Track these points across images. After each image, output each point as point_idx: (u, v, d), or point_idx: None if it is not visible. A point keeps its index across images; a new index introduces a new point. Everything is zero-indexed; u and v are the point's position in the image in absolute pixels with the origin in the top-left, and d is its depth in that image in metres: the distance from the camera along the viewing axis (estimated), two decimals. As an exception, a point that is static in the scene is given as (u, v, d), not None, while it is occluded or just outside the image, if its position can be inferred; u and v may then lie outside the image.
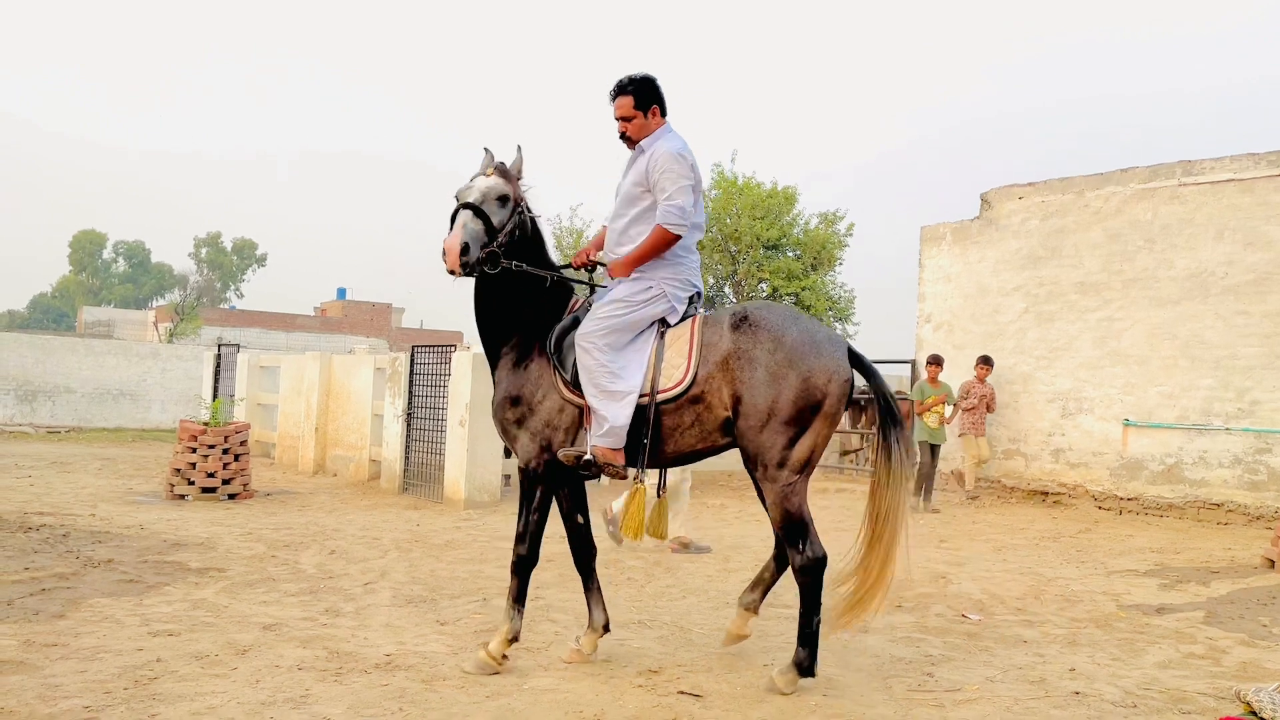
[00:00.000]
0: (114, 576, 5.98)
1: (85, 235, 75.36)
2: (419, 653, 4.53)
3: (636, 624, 5.29)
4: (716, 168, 26.94)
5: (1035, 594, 6.48)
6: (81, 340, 26.12)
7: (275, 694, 3.88)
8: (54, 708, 3.64)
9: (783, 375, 4.10)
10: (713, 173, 26.98)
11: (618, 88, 4.51)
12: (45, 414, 22.18)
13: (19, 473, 11.57)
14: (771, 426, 4.13)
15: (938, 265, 13.08)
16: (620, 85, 4.50)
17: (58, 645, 4.45)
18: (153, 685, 3.94)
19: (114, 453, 15.38)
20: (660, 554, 7.48)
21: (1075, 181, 11.76)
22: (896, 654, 4.89)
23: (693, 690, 4.13)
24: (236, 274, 73.83)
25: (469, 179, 4.40)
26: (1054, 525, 9.86)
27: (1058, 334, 11.72)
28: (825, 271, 26.65)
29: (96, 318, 55.16)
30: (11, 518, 7.99)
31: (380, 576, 6.32)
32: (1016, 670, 4.67)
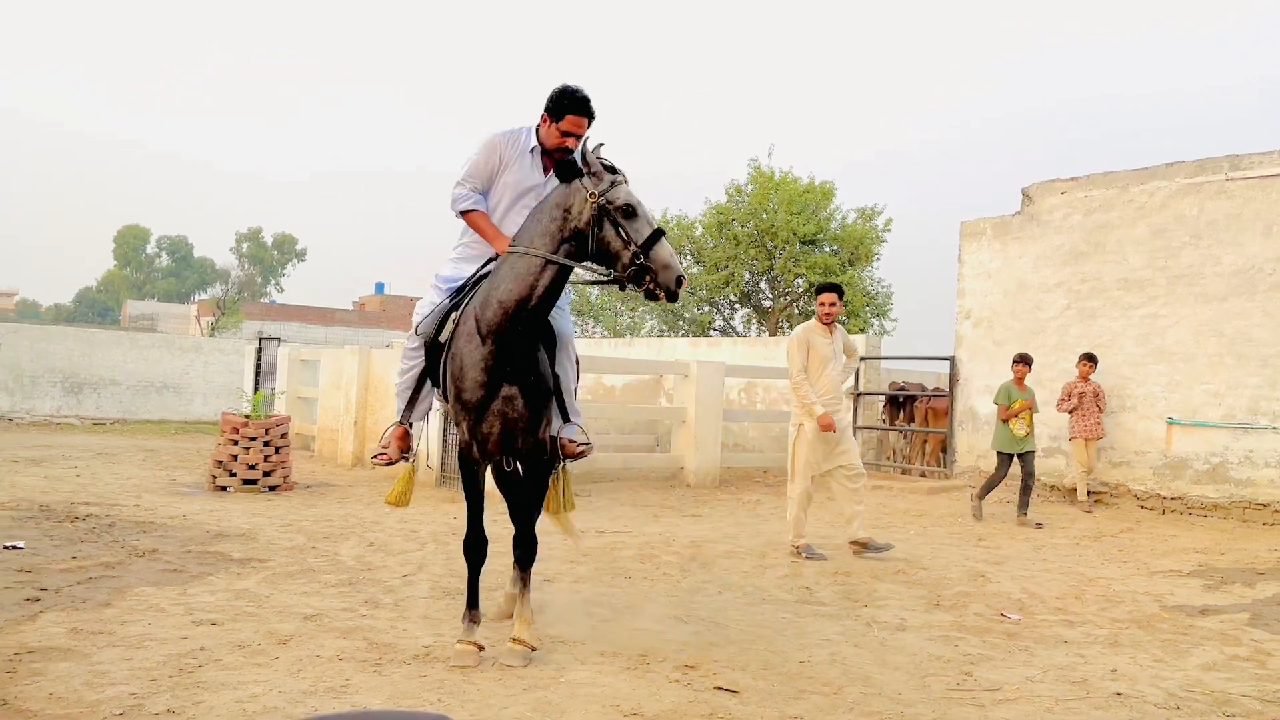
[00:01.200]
0: (158, 566, 6.08)
1: (129, 230, 76.51)
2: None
3: (672, 619, 5.29)
4: (753, 163, 26.86)
5: (1076, 594, 6.40)
6: (126, 334, 26.55)
7: (316, 683, 3.93)
8: (101, 694, 3.71)
9: None
10: (749, 168, 26.91)
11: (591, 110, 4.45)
12: (91, 406, 22.59)
13: (66, 463, 11.80)
14: None
15: (978, 261, 12.94)
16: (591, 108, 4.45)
17: (104, 633, 4.53)
18: (197, 673, 4.00)
19: (157, 444, 15.63)
20: (696, 549, 7.47)
21: (1119, 176, 11.58)
22: (935, 652, 4.85)
23: (729, 686, 4.13)
24: (277, 269, 74.64)
25: (627, 183, 4.23)
26: (1095, 524, 9.73)
27: (1100, 331, 11.55)
28: (863, 267, 26.48)
29: (140, 311, 56.05)
30: (59, 507, 8.15)
31: (418, 569, 6.37)
32: (1057, 670, 4.62)
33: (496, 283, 4.28)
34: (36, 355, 22.31)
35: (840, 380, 7.68)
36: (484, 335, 4.25)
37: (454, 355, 4.36)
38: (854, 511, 7.51)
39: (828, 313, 7.62)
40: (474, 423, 4.35)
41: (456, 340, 4.36)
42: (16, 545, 6.41)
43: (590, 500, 10.39)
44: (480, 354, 4.26)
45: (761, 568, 6.91)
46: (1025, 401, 9.89)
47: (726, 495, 11.33)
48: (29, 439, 15.43)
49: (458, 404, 4.35)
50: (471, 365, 4.27)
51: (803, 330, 7.71)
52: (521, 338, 4.26)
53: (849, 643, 4.96)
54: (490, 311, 4.22)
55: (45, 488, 9.44)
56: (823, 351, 7.59)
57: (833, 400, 7.55)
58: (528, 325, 4.25)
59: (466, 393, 4.30)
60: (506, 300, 4.19)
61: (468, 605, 4.49)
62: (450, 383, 4.37)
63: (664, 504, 10.39)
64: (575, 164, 4.26)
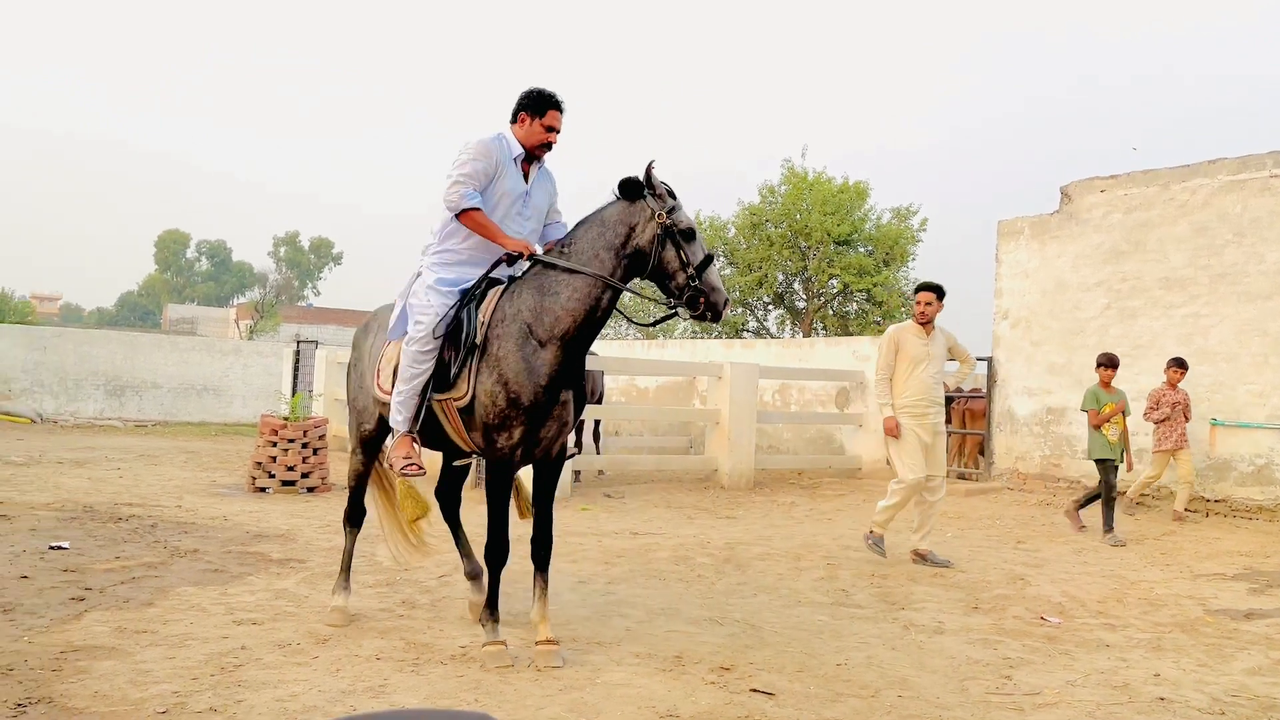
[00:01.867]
0: (199, 566, 6.16)
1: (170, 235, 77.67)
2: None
3: (708, 621, 5.28)
4: (786, 163, 26.77)
5: (1117, 597, 6.31)
6: (167, 337, 26.97)
7: (355, 682, 3.97)
8: (145, 692, 3.77)
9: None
10: (783, 168, 26.82)
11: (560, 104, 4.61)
12: (133, 408, 22.94)
13: (109, 465, 11.99)
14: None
15: (1015, 260, 12.80)
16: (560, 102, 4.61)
17: (147, 632, 4.60)
18: (238, 672, 4.06)
19: (198, 446, 15.85)
20: (730, 551, 7.46)
21: (1160, 174, 11.41)
22: (973, 656, 4.81)
23: (765, 688, 4.12)
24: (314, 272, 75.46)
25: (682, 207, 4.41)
26: (1137, 527, 9.59)
27: (1141, 331, 11.39)
28: (898, 267, 26.29)
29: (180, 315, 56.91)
30: (103, 508, 8.29)
31: (454, 570, 6.40)
32: (1098, 675, 4.56)
33: (555, 289, 4.35)
34: (80, 359, 22.70)
35: (933, 384, 7.31)
36: (544, 340, 4.31)
37: (499, 359, 4.31)
38: (922, 520, 7.32)
39: (922, 312, 7.37)
40: (530, 427, 4.34)
41: (498, 344, 4.33)
42: (62, 545, 6.52)
43: (624, 502, 10.40)
44: (543, 359, 4.31)
45: (797, 570, 6.88)
46: (1116, 405, 9.07)
47: (761, 497, 11.29)
48: (73, 441, 15.70)
49: (510, 409, 4.28)
50: (532, 370, 4.29)
51: (896, 329, 7.53)
52: (583, 345, 4.42)
53: (886, 645, 4.93)
54: (552, 318, 4.31)
55: (89, 489, 9.60)
56: (914, 352, 7.31)
57: (918, 403, 7.22)
58: (592, 333, 4.41)
59: (525, 397, 4.28)
60: (577, 310, 4.32)
61: (491, 607, 4.48)
62: (493, 387, 4.30)
63: (698, 506, 10.38)
64: (640, 182, 4.39)
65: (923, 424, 7.24)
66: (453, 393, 4.42)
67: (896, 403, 7.28)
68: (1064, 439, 11.98)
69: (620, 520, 9.07)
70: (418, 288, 4.61)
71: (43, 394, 22.09)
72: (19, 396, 21.64)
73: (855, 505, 10.75)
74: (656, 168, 4.41)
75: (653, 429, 16.19)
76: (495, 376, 4.31)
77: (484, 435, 4.39)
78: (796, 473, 13.29)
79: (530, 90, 4.60)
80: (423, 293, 4.54)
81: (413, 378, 4.45)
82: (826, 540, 8.20)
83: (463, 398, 4.38)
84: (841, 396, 14.37)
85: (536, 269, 4.47)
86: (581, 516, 9.13)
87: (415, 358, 4.43)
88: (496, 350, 4.33)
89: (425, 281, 4.58)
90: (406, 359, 4.45)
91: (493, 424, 4.33)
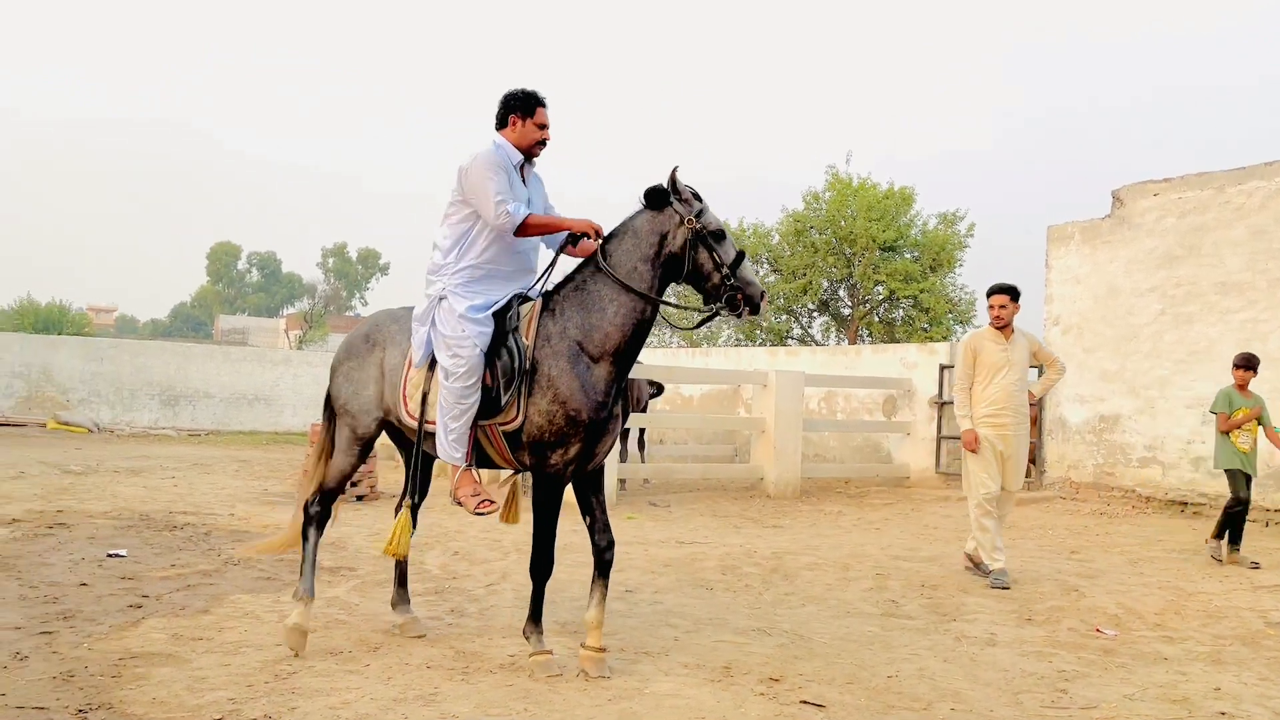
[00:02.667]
0: (253, 574, 6.25)
1: (221, 247, 79.14)
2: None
3: (756, 631, 5.25)
4: (831, 169, 26.64)
5: (1175, 609, 6.18)
6: (219, 348, 27.46)
7: (406, 691, 4.00)
8: (201, 699, 3.83)
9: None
10: (827, 174, 26.70)
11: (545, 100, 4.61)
12: (186, 418, 23.39)
13: (164, 474, 12.22)
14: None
15: (1065, 266, 12.62)
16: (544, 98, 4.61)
17: (203, 639, 4.68)
18: (291, 680, 4.11)
19: (249, 455, 16.10)
20: (778, 561, 7.41)
21: (1215, 177, 11.20)
22: (1027, 669, 4.73)
23: (815, 700, 4.08)
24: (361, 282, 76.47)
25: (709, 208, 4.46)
26: (1194, 537, 9.38)
27: (1197, 336, 11.17)
28: (945, 273, 26.03)
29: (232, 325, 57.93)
30: (159, 516, 8.45)
31: (502, 578, 6.44)
32: (1157, 689, 4.46)
33: (601, 305, 4.37)
34: (135, 369, 23.20)
35: (1014, 391, 6.97)
36: (596, 357, 4.33)
37: (552, 380, 4.28)
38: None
39: (998, 316, 7.03)
40: (589, 442, 4.34)
41: (550, 365, 4.30)
42: (119, 553, 6.66)
43: (669, 510, 10.39)
44: (598, 375, 4.33)
45: (845, 580, 6.82)
46: (1251, 410, 8.17)
47: (807, 506, 11.22)
48: (129, 450, 16.03)
49: (569, 427, 4.27)
50: (590, 386, 4.29)
51: (973, 335, 7.26)
52: (632, 358, 4.45)
53: (938, 657, 4.87)
54: (602, 335, 4.34)
55: (145, 497, 9.79)
56: (991, 359, 7.01)
57: (998, 413, 6.95)
58: (639, 345, 4.45)
59: (585, 413, 4.28)
60: (626, 325, 4.35)
61: (535, 619, 4.45)
62: (549, 407, 4.27)
63: (744, 515, 10.34)
64: (665, 190, 4.41)
65: (1002, 435, 6.95)
66: (500, 418, 4.35)
67: (975, 413, 7.03)
68: (1118, 447, 11.77)
69: (666, 529, 9.06)
70: (445, 317, 4.41)
71: (99, 404, 22.60)
72: (77, 407, 22.16)
73: (903, 515, 10.65)
74: (680, 173, 4.44)
75: (697, 437, 16.17)
76: (551, 397, 4.27)
77: (537, 453, 4.34)
78: (843, 481, 13.20)
79: (514, 92, 4.57)
80: (455, 322, 4.37)
81: (463, 413, 4.33)
82: (875, 550, 8.12)
83: (511, 421, 4.33)
84: (889, 404, 14.25)
85: (571, 285, 4.48)
86: (627, 525, 9.14)
87: (462, 393, 4.30)
88: (549, 370, 4.30)
89: (455, 310, 4.39)
90: (452, 395, 4.31)
91: (550, 442, 4.30)
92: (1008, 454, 6.97)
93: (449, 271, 4.52)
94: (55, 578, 5.86)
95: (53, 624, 4.81)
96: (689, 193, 4.43)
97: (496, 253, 4.53)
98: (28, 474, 11.43)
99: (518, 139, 4.56)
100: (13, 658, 4.24)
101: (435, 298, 4.49)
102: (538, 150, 4.62)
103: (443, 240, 4.58)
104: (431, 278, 4.59)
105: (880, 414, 14.38)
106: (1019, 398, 6.99)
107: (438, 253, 4.60)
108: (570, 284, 4.51)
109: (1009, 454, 6.98)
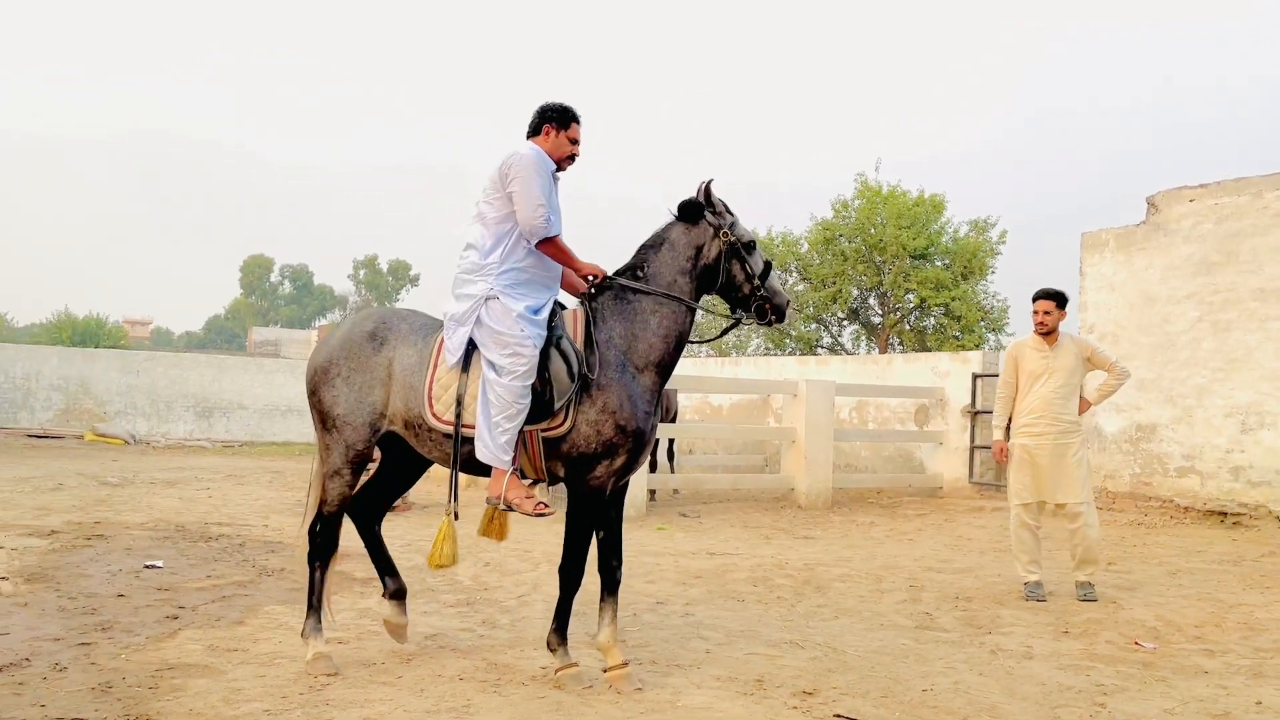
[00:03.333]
0: (287, 585, 6.30)
1: (254, 260, 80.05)
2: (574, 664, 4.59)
3: (788, 644, 5.22)
4: (860, 177, 26.54)
5: (1215, 621, 6.07)
6: (253, 359, 27.75)
7: (439, 703, 4.01)
8: (237, 710, 3.86)
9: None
10: (856, 182, 26.59)
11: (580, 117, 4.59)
12: (221, 429, 23.64)
13: (199, 485, 12.36)
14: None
15: (1100, 274, 12.48)
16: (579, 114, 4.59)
17: (238, 650, 4.72)
18: (326, 691, 4.13)
19: (283, 466, 16.24)
20: (810, 572, 7.37)
21: (1252, 182, 11.03)
22: (1065, 682, 4.66)
23: (849, 714, 4.05)
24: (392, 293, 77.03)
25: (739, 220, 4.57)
26: (1234, 548, 9.23)
27: (1236, 344, 10.99)
28: (976, 280, 25.84)
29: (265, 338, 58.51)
30: (194, 528, 8.54)
31: (532, 589, 6.45)
32: (1197, 703, 4.39)
33: (644, 317, 4.41)
34: (171, 382, 23.50)
35: (1054, 399, 6.76)
36: (641, 368, 4.37)
37: (602, 388, 4.25)
38: (1071, 552, 6.87)
39: (1041, 322, 6.82)
40: (634, 452, 4.34)
41: (600, 372, 4.27)
42: (156, 564, 6.74)
43: (700, 521, 10.36)
44: (643, 386, 4.38)
45: (878, 592, 6.77)
46: None
47: (839, 517, 11.15)
48: (164, 461, 16.22)
49: (618, 437, 4.25)
50: (638, 396, 4.33)
51: (1015, 344, 7.12)
52: (671, 368, 4.50)
53: (973, 671, 4.81)
54: (646, 346, 4.39)
55: (180, 508, 9.90)
56: (1032, 367, 6.84)
57: (1035, 422, 6.78)
58: (679, 356, 4.54)
59: (636, 423, 4.28)
60: (669, 336, 4.42)
61: (561, 632, 4.42)
62: (598, 416, 4.23)
63: (775, 525, 10.28)
64: (700, 204, 4.50)
65: (1039, 445, 6.78)
66: (547, 423, 4.26)
67: (1015, 422, 6.92)
68: (1155, 457, 11.61)
69: (697, 540, 9.03)
70: (498, 315, 4.27)
71: (136, 416, 22.90)
72: (114, 419, 22.47)
73: (936, 525, 10.55)
74: (715, 185, 4.51)
75: (727, 447, 16.12)
76: (600, 406, 4.24)
77: (580, 465, 4.29)
78: (875, 492, 13.10)
79: (552, 104, 4.56)
80: (512, 322, 4.24)
81: (518, 413, 4.19)
82: (908, 561, 8.05)
83: (559, 427, 4.25)
84: (921, 414, 14.14)
85: (612, 294, 4.49)
86: (657, 536, 9.12)
87: (521, 393, 4.17)
88: (599, 379, 4.27)
89: (511, 310, 4.26)
90: (508, 394, 4.15)
91: (596, 453, 4.26)
92: (1044, 465, 6.78)
93: (493, 272, 4.38)
94: (93, 589, 5.93)
95: (91, 635, 4.87)
96: (721, 205, 4.53)
97: (539, 258, 4.45)
98: (66, 485, 11.60)
99: (550, 149, 4.51)
100: (52, 669, 4.29)
101: (480, 297, 4.33)
102: (567, 164, 4.60)
103: (481, 240, 4.45)
104: (471, 277, 4.43)
105: (912, 423, 14.28)
106: (1058, 406, 6.80)
107: (474, 253, 4.46)
108: (608, 293, 4.50)
109: (1045, 465, 6.78)
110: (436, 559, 4.51)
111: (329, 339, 4.77)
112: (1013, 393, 6.99)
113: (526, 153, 4.40)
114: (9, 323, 64.23)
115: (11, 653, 4.49)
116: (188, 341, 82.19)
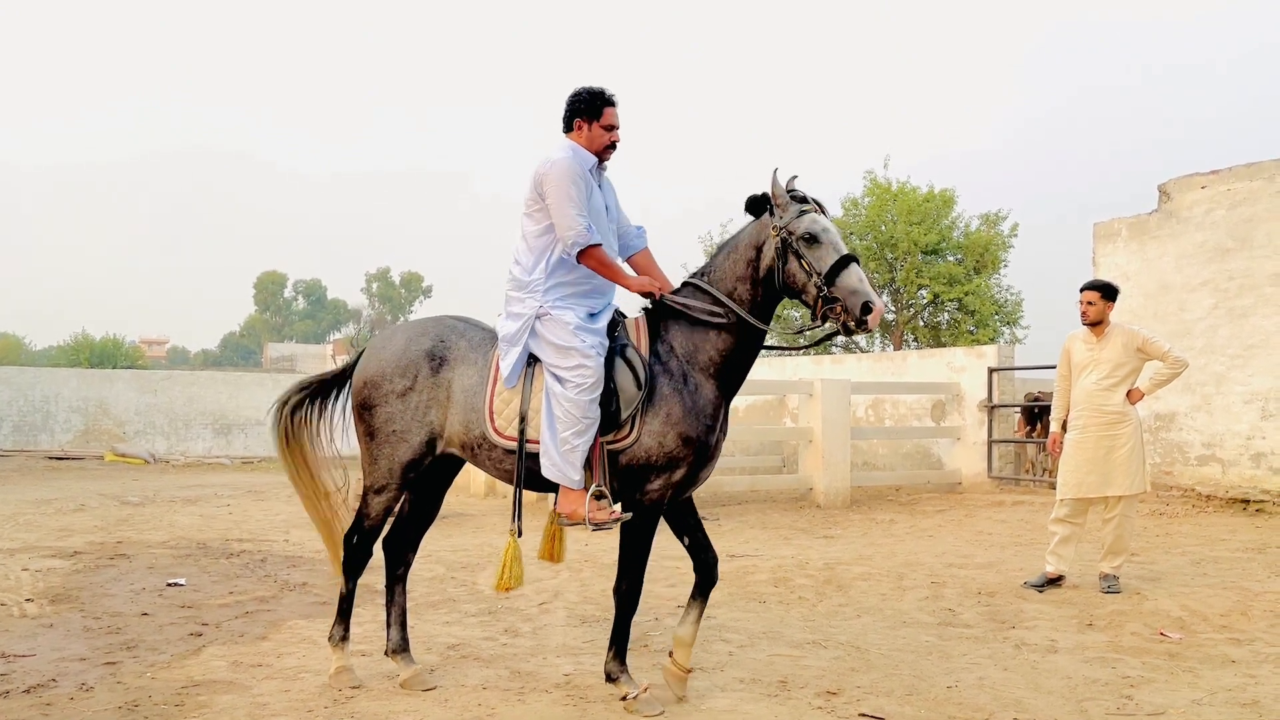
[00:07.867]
0: (309, 599, 6.32)
1: (268, 276, 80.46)
2: (597, 673, 4.57)
3: (811, 644, 5.21)
4: (869, 174, 26.49)
5: (1242, 610, 6.03)
6: (269, 375, 27.89)
7: (463, 713, 4.02)
8: (263, 725, 3.87)
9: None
10: (865, 179, 26.54)
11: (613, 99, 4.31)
12: (239, 446, 23.75)
13: (219, 502, 12.43)
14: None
15: (1113, 263, 12.42)
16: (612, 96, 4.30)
17: (262, 665, 4.74)
18: (350, 704, 4.14)
19: (301, 481, 16.27)
20: (830, 572, 7.34)
21: (1264, 166, 10.96)
22: (1091, 675, 4.64)
23: (874, 713, 4.04)
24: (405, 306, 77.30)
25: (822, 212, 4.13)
26: (1258, 535, 9.16)
27: (1253, 330, 10.92)
28: (989, 274, 25.75)
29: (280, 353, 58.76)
30: (215, 544, 8.58)
31: (554, 597, 6.45)
32: (1225, 692, 4.35)
33: (704, 326, 4.16)
34: (188, 400, 23.64)
35: (1097, 391, 6.71)
36: (704, 377, 4.16)
37: (664, 398, 4.08)
38: (1101, 541, 6.83)
39: (1084, 312, 6.79)
40: (695, 465, 4.15)
41: (663, 382, 4.12)
42: (178, 582, 6.77)
43: (719, 523, 10.34)
44: (710, 394, 4.16)
45: (900, 590, 6.74)
46: None
47: (858, 515, 11.12)
48: (184, 479, 16.32)
49: (682, 448, 4.08)
50: (705, 406, 4.12)
51: (1069, 336, 7.07)
52: (739, 378, 4.27)
53: (998, 666, 4.79)
54: (707, 357, 4.15)
55: (201, 526, 9.95)
56: (1079, 358, 6.85)
57: (1079, 415, 6.75)
58: (747, 364, 4.26)
59: (703, 434, 4.11)
60: (726, 346, 4.15)
61: (622, 659, 4.24)
62: (662, 428, 4.06)
63: (794, 526, 10.26)
64: (761, 197, 4.14)
65: (1084, 437, 6.74)
66: (614, 435, 4.09)
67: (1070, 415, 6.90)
68: (1175, 445, 11.54)
69: (716, 542, 8.93)
70: (555, 330, 4.10)
71: (154, 435, 23.05)
72: (133, 438, 22.61)
73: (957, 521, 10.50)
74: (781, 175, 4.11)
75: (744, 449, 16.10)
76: (664, 417, 4.07)
77: (637, 477, 4.12)
78: (894, 489, 13.06)
79: (579, 92, 4.29)
80: (570, 334, 4.06)
81: (588, 427, 4.02)
82: (929, 558, 8.02)
83: (624, 439, 4.09)
84: (937, 409, 14.09)
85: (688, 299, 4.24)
86: (674, 541, 9.10)
87: (589, 406, 4.00)
88: (662, 389, 4.10)
89: (568, 323, 4.09)
90: (575, 408, 3.99)
91: (656, 466, 4.08)
92: (1091, 458, 6.72)
93: (539, 289, 4.21)
94: (117, 608, 5.97)
95: (116, 654, 4.90)
96: (784, 197, 4.08)
97: (585, 269, 4.23)
98: (88, 506, 11.68)
99: (586, 143, 4.28)
100: (79, 689, 4.32)
101: (531, 315, 4.17)
102: (608, 154, 4.34)
103: (524, 256, 4.28)
104: (518, 295, 4.26)
105: (929, 420, 14.23)
106: (1100, 398, 6.74)
107: (519, 269, 4.29)
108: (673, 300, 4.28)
109: (1091, 458, 6.71)
110: (505, 581, 4.30)
111: (381, 350, 4.51)
112: (1067, 385, 6.98)
113: (559, 158, 4.17)
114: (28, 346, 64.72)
115: (39, 674, 4.52)
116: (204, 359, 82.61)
